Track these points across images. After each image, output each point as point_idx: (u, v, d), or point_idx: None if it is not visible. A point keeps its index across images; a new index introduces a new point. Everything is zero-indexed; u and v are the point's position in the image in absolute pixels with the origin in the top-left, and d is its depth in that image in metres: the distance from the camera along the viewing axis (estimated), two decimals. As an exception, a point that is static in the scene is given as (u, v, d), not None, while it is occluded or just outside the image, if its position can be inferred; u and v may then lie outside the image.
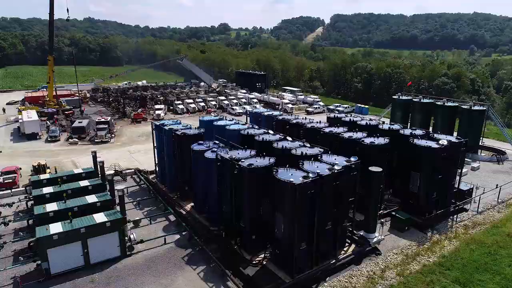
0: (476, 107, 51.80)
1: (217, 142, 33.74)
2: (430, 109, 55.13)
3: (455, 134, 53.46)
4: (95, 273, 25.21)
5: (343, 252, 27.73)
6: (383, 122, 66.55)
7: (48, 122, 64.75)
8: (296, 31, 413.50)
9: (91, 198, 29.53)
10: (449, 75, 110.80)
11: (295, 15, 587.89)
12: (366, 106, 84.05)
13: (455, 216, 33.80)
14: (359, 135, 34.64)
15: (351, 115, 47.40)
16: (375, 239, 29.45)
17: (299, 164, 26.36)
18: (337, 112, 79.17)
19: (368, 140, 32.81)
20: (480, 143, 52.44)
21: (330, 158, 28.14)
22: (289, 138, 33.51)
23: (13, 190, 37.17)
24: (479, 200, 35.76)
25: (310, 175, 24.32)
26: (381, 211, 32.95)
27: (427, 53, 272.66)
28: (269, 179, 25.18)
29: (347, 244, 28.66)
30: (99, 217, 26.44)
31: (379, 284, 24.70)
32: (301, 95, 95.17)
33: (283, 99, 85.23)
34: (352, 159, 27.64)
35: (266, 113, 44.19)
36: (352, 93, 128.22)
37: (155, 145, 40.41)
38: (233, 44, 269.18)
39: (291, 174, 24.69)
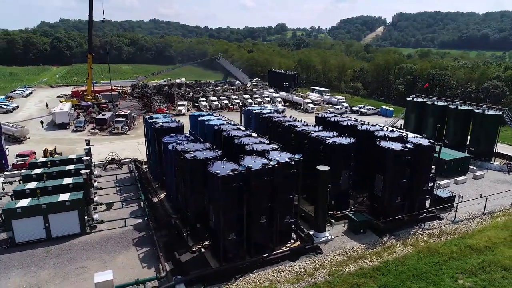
0: (490, 112, 47.85)
1: (188, 135, 35.62)
2: (443, 112, 52.16)
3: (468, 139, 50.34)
4: (53, 245, 28.41)
5: (284, 247, 28.06)
6: (401, 125, 64.30)
7: (81, 114, 71.54)
8: (355, 31, 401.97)
9: (67, 180, 33.01)
10: (501, 78, 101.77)
11: (356, 14, 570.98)
12: (391, 108, 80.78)
13: (424, 223, 32.17)
14: (326, 134, 34.37)
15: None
16: (323, 239, 29.34)
17: (239, 158, 27.27)
18: (359, 113, 77.46)
19: (331, 140, 32.54)
20: (494, 150, 48.37)
21: (277, 154, 28.56)
22: (254, 135, 34.31)
23: (22, 170, 42.29)
24: (457, 209, 33.60)
25: (240, 168, 25.18)
26: (336, 211, 32.59)
27: (497, 54, 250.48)
28: (209, 171, 26.42)
29: (292, 240, 28.90)
30: (63, 197, 29.63)
31: (304, 281, 24.78)
32: (328, 95, 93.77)
33: (306, 99, 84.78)
34: (296, 156, 27.83)
35: (255, 111, 45.17)
36: (395, 95, 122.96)
37: (146, 137, 43.39)
38: (286, 44, 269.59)
39: (223, 167, 25.70)
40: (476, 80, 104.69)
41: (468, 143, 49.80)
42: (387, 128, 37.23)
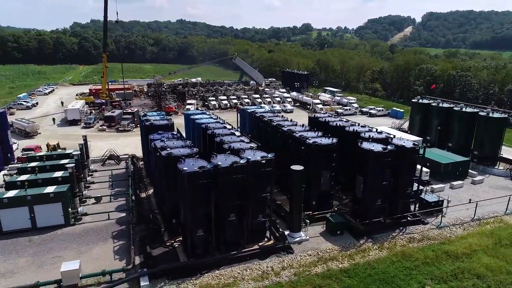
0: (495, 115, 45.87)
1: (174, 133, 36.33)
2: (447, 115, 50.51)
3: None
4: (37, 235, 29.78)
5: (257, 246, 28.15)
6: (408, 127, 62.62)
7: (93, 111, 74.19)
8: (382, 31, 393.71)
9: (57, 174, 34.47)
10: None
11: (385, 14, 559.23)
12: (402, 110, 78.89)
13: (406, 227, 31.34)
14: (310, 134, 34.16)
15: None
16: (297, 239, 29.24)
17: (211, 156, 27.64)
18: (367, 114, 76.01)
19: (312, 140, 32.33)
20: (499, 155, 46.27)
21: (251, 153, 28.69)
22: (237, 133, 34.58)
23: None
24: (443, 214, 32.55)
25: (208, 166, 25.53)
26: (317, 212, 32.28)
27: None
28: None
29: (266, 239, 28.94)
30: (49, 189, 30.99)
31: (269, 280, 24.80)
32: (340, 95, 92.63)
33: (316, 99, 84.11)
34: (269, 155, 27.86)
35: (249, 110, 45.45)
36: (414, 96, 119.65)
37: (141, 134, 44.53)
38: (309, 44, 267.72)
39: (192, 164, 26.13)
40: (499, 82, 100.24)
41: (472, 147, 47.99)
42: (376, 129, 36.47)
